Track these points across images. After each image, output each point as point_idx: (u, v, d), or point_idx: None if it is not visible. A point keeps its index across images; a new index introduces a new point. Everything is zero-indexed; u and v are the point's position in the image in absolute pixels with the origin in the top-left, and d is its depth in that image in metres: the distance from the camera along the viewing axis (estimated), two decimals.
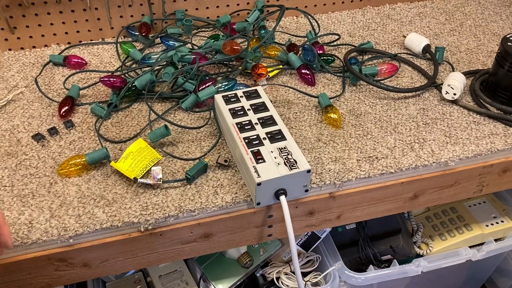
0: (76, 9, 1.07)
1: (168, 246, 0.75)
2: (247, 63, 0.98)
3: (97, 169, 0.79)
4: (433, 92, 0.97)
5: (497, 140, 0.85)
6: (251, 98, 0.84)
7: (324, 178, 0.77)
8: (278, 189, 0.71)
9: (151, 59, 1.02)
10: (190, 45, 1.08)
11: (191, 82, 0.92)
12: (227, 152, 0.82)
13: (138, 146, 0.79)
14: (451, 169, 0.83)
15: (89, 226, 0.70)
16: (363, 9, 1.25)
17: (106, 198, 0.74)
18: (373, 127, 0.88)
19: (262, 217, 0.77)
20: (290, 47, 1.05)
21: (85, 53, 1.08)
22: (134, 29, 1.11)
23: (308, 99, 0.94)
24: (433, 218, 1.21)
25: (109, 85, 0.92)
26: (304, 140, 0.85)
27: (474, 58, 1.07)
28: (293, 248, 0.72)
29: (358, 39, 1.14)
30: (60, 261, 0.71)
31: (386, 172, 0.79)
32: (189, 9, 1.14)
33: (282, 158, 0.72)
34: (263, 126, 0.78)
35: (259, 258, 1.04)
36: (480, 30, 1.17)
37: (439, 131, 0.87)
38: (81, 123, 0.89)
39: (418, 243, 1.15)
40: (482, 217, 1.18)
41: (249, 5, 1.18)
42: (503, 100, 0.92)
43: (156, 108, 0.92)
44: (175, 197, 0.74)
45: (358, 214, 0.84)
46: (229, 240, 0.79)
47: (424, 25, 1.19)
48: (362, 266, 1.12)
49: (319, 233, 1.05)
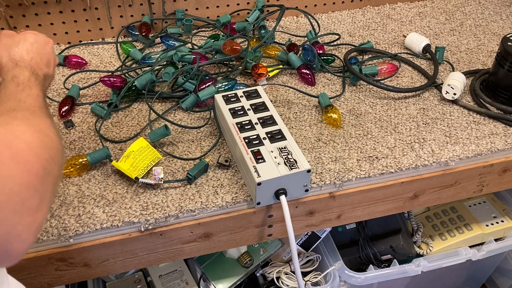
0: (76, 9, 1.07)
1: (168, 246, 0.75)
2: (247, 63, 0.98)
3: (97, 169, 0.79)
4: (433, 92, 0.97)
5: (497, 140, 0.85)
6: (251, 98, 0.84)
7: (324, 178, 0.77)
8: (278, 189, 0.71)
9: (151, 59, 1.02)
10: (190, 45, 1.08)
11: (191, 82, 0.92)
12: (227, 152, 0.82)
13: (139, 145, 0.79)
14: (451, 169, 0.83)
15: (89, 226, 0.70)
16: (363, 9, 1.25)
17: (106, 198, 0.74)
18: (373, 127, 0.88)
19: (262, 217, 0.77)
20: (290, 47, 1.05)
21: (85, 53, 1.08)
22: (134, 29, 1.11)
23: (308, 99, 0.94)
24: (433, 217, 1.21)
25: (109, 85, 0.92)
26: (304, 140, 0.85)
27: (474, 58, 1.07)
28: (293, 248, 0.72)
29: (358, 39, 1.14)
30: (60, 261, 0.71)
31: (386, 172, 0.79)
32: (189, 9, 1.14)
33: (282, 158, 0.72)
34: (263, 126, 0.78)
35: (259, 257, 1.04)
36: (480, 30, 1.17)
37: (439, 131, 0.87)
38: (81, 123, 0.89)
39: (418, 242, 1.15)
40: (482, 217, 1.18)
41: (249, 5, 1.18)
42: (503, 100, 0.92)
43: (156, 108, 0.92)
44: (175, 197, 0.74)
45: (358, 214, 0.84)
46: (229, 240, 0.79)
47: (424, 25, 1.19)
48: (362, 265, 1.12)
49: (319, 233, 1.05)
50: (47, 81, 0.67)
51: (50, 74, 0.68)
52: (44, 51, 0.67)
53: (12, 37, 0.66)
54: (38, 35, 0.68)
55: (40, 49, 0.66)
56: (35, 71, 0.63)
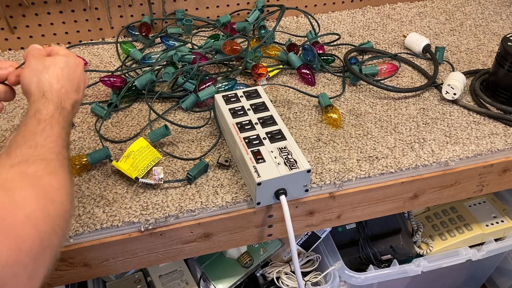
0: (76, 9, 1.07)
1: (168, 246, 0.75)
2: (247, 63, 0.98)
3: (97, 169, 0.79)
4: (433, 92, 0.97)
5: (497, 140, 0.85)
6: (251, 98, 0.84)
7: (324, 178, 0.77)
8: (278, 189, 0.71)
9: (151, 59, 1.02)
10: (190, 45, 1.08)
11: (191, 82, 0.92)
12: (227, 152, 0.82)
13: (139, 145, 0.79)
14: (451, 169, 0.83)
15: (89, 226, 0.70)
16: (363, 9, 1.25)
17: (106, 198, 0.74)
18: (373, 127, 0.88)
19: (262, 217, 0.77)
20: (290, 47, 1.05)
21: (85, 53, 1.08)
22: (134, 29, 1.11)
23: (308, 99, 0.94)
24: (433, 217, 1.21)
25: (109, 85, 0.92)
26: (304, 140, 0.85)
27: (474, 58, 1.07)
28: (293, 248, 0.72)
29: (358, 39, 1.14)
30: (60, 261, 0.71)
31: (386, 172, 0.79)
32: (189, 9, 1.14)
33: (282, 158, 0.72)
34: (263, 126, 0.78)
35: (259, 257, 1.04)
36: (480, 30, 1.17)
37: (439, 131, 0.87)
38: (81, 123, 0.89)
39: (418, 242, 1.15)
40: (482, 217, 1.18)
41: (249, 5, 1.18)
42: (503, 100, 0.92)
43: (156, 108, 0.92)
44: (175, 197, 0.74)
45: (358, 214, 0.84)
46: (229, 240, 0.79)
47: (424, 25, 1.19)
48: (362, 266, 1.12)
49: (319, 233, 1.05)
50: (75, 108, 0.63)
51: (79, 100, 0.65)
52: (74, 76, 0.63)
53: (41, 59, 0.62)
54: (68, 57, 0.64)
55: (70, 74, 0.63)
56: (61, 104, 0.59)
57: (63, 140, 0.57)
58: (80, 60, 0.66)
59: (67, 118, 0.60)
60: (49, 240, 0.45)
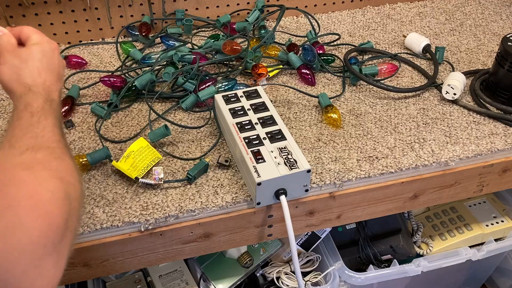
0: (76, 9, 1.07)
1: (168, 246, 0.75)
2: (247, 63, 0.98)
3: (97, 169, 0.79)
4: (433, 92, 0.97)
5: (497, 140, 0.85)
6: (251, 98, 0.84)
7: (324, 178, 0.77)
8: (278, 189, 0.71)
9: (151, 59, 1.02)
10: (190, 45, 1.08)
11: (191, 82, 0.92)
12: (227, 152, 0.82)
13: (139, 145, 0.79)
14: (451, 169, 0.83)
15: (89, 226, 0.70)
16: (363, 9, 1.25)
17: (106, 198, 0.74)
18: (373, 127, 0.88)
19: (262, 217, 0.77)
20: (290, 47, 1.05)
21: (85, 53, 1.08)
22: (134, 29, 1.11)
23: (308, 99, 0.94)
24: (433, 217, 1.21)
25: (109, 85, 0.92)
26: (304, 140, 0.85)
27: (474, 58, 1.07)
28: (293, 248, 0.72)
29: (358, 39, 1.14)
30: None
31: (386, 172, 0.79)
32: (189, 9, 1.14)
33: (282, 158, 0.72)
34: (263, 126, 0.78)
35: (259, 257, 1.04)
36: (480, 30, 1.17)
37: (439, 131, 0.87)
38: (81, 123, 0.89)
39: (418, 243, 1.15)
40: (482, 217, 1.18)
41: (249, 5, 1.18)
42: (503, 100, 0.92)
43: (156, 108, 0.92)
44: (175, 197, 0.74)
45: (358, 214, 0.84)
46: (229, 240, 0.79)
47: (424, 25, 1.19)
48: (362, 266, 1.12)
49: (319, 233, 1.05)
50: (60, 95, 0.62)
51: (62, 86, 0.64)
52: (53, 65, 0.62)
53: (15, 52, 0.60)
54: (42, 44, 0.62)
55: (50, 64, 0.61)
56: (49, 96, 0.58)
57: (59, 129, 0.57)
58: (54, 44, 0.64)
59: (57, 108, 0.59)
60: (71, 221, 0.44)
